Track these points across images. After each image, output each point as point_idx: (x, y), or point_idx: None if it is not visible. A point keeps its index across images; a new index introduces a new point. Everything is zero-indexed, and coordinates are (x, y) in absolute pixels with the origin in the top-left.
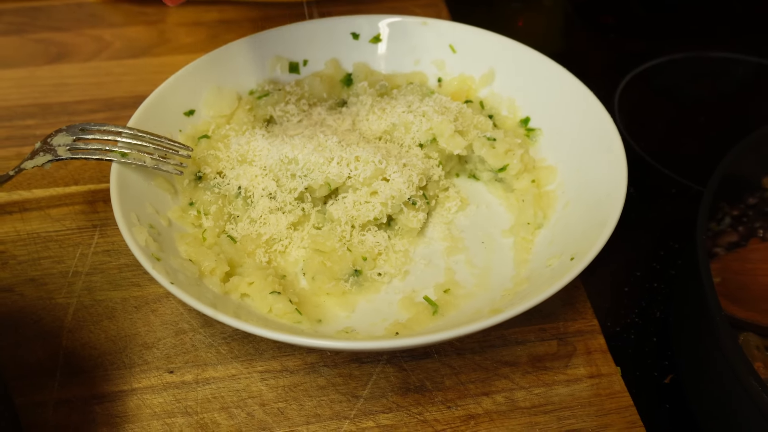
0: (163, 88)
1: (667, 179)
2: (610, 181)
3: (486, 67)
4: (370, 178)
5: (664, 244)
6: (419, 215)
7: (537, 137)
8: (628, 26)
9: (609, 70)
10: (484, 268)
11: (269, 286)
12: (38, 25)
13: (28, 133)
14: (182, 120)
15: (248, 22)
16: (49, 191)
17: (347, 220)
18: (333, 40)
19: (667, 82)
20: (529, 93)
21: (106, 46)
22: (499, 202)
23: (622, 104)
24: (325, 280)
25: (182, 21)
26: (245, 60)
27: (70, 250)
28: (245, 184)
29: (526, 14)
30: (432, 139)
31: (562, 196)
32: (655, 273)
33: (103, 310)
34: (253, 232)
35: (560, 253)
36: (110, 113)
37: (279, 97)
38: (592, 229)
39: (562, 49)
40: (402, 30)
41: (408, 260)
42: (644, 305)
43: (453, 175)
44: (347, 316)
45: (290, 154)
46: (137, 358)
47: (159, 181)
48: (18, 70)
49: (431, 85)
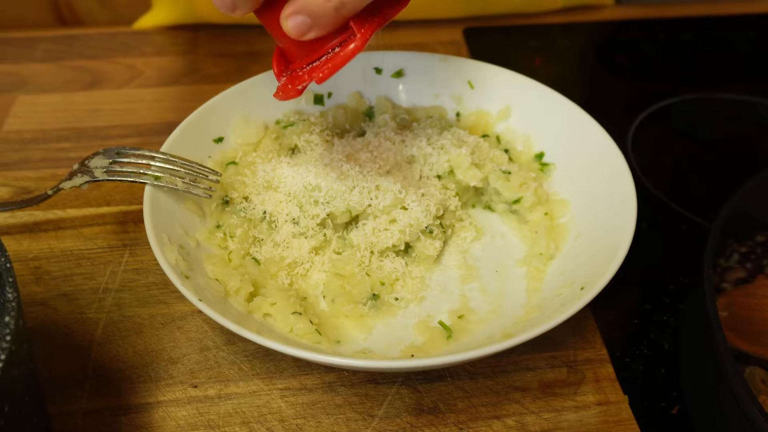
0: (195, 116)
1: (678, 216)
2: (621, 215)
3: (503, 104)
4: (390, 206)
5: (674, 279)
6: (436, 243)
7: (551, 172)
8: (642, 67)
9: (623, 109)
10: (498, 296)
11: (291, 307)
12: (74, 52)
13: (62, 156)
14: (212, 147)
15: None
16: (82, 211)
17: (366, 246)
18: (357, 73)
19: (679, 121)
20: (543, 129)
21: (138, 74)
22: (513, 233)
23: (635, 142)
24: (344, 303)
25: (211, 52)
26: (272, 91)
27: (101, 268)
28: (270, 209)
29: (544, 53)
30: (449, 171)
31: (574, 228)
32: (665, 306)
33: (132, 325)
34: (276, 255)
35: (571, 283)
36: (141, 138)
37: (304, 127)
38: (602, 260)
39: (578, 87)
40: (423, 66)
41: (424, 286)
42: (653, 337)
43: (469, 206)
44: (365, 338)
45: (314, 182)
46: (163, 373)
47: (188, 204)
48: (54, 95)
49: (450, 119)
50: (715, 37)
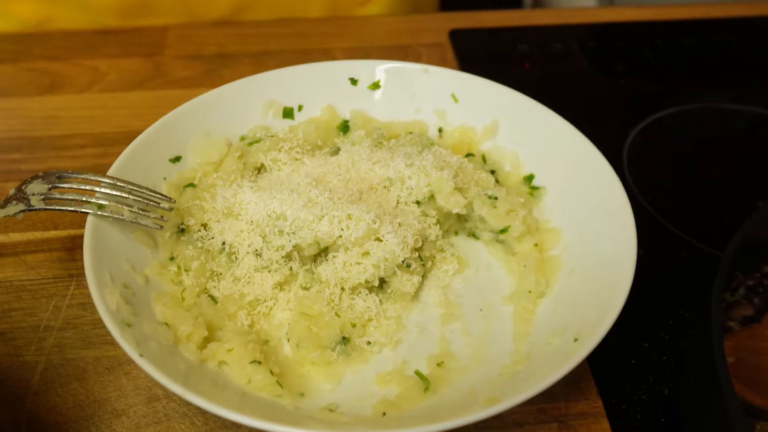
0: (149, 133)
1: (678, 240)
2: (618, 250)
3: (489, 119)
4: (363, 237)
5: (674, 313)
6: (413, 279)
7: (541, 196)
8: (639, 73)
9: (618, 120)
10: (482, 339)
11: (249, 354)
12: (33, 53)
13: (12, 168)
14: (167, 167)
15: (247, 57)
16: (26, 235)
17: (336, 282)
18: (330, 84)
19: (677, 133)
20: (533, 148)
21: (100, 77)
22: (500, 264)
23: (630, 156)
24: (311, 348)
25: (179, 54)
26: (236, 104)
27: (43, 302)
28: (230, 239)
29: (534, 57)
30: (430, 196)
31: (567, 261)
32: (664, 344)
33: (73, 370)
34: (236, 291)
35: (563, 329)
36: (100, 149)
37: (271, 144)
38: (597, 303)
39: (570, 95)
40: (402, 77)
41: (400, 327)
42: (652, 380)
43: (451, 233)
44: (332, 389)
45: (278, 210)
46: (105, 428)
47: (138, 234)
48: (8, 99)
49: (431, 135)
50: (718, 41)
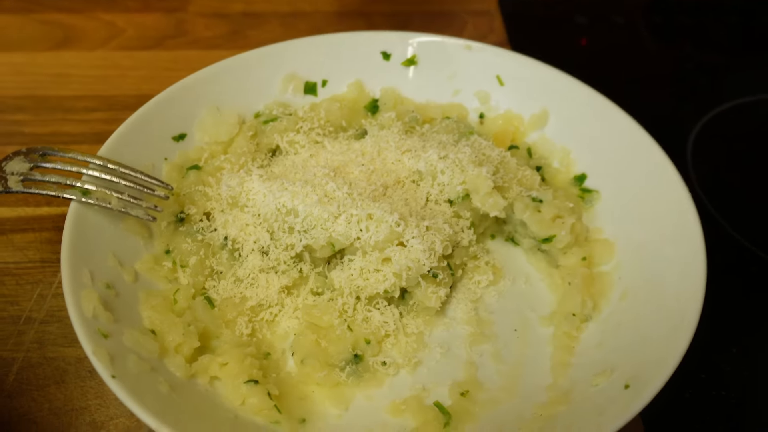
0: (150, 106)
1: (748, 254)
2: (683, 280)
3: (538, 107)
4: (384, 241)
5: (737, 339)
6: (440, 291)
7: (593, 201)
8: (709, 54)
9: (683, 109)
10: (515, 366)
11: (245, 371)
12: (46, 3)
13: (15, 130)
14: (170, 146)
15: (275, 18)
16: (16, 211)
17: (351, 291)
18: (359, 58)
19: (752, 126)
20: (587, 143)
21: (117, 33)
22: (541, 277)
23: (696, 152)
24: (317, 366)
25: (204, 11)
26: (252, 76)
27: (27, 289)
28: (234, 234)
29: (591, 31)
30: (464, 196)
31: (619, 282)
32: (724, 377)
33: (53, 371)
34: (237, 294)
35: (611, 369)
36: (109, 113)
37: (289, 124)
38: (654, 341)
39: (629, 78)
40: (441, 53)
41: (421, 346)
42: (707, 420)
43: (487, 236)
44: (338, 416)
45: (289, 204)
46: None
47: (129, 224)
48: (17, 54)
49: (471, 121)
50: None
